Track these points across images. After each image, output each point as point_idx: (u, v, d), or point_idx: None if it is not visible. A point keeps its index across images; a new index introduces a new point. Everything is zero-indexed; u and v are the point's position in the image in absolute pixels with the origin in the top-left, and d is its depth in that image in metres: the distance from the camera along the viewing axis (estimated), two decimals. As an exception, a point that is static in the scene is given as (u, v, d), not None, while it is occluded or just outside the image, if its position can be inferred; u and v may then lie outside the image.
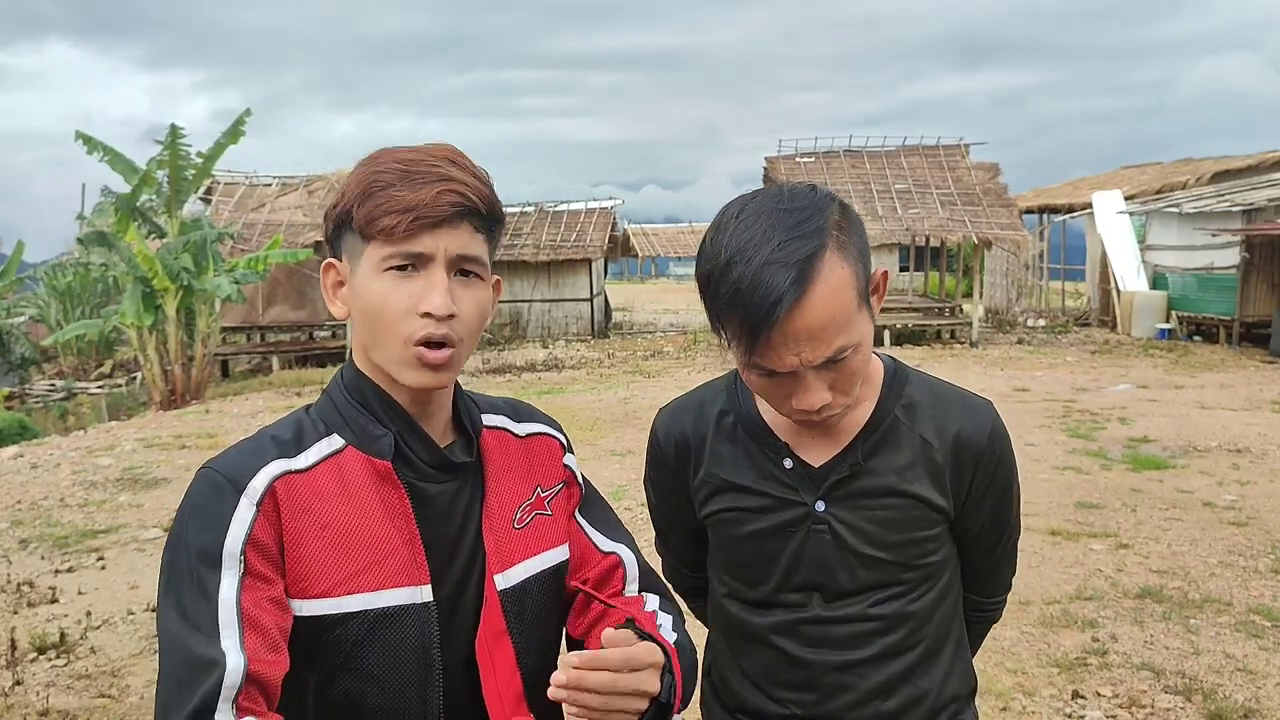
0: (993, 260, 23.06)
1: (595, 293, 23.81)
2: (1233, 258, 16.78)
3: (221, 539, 1.04)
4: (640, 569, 1.32)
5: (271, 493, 1.08)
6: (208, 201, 20.61)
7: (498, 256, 1.21)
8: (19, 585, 5.60)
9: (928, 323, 19.34)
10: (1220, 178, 21.36)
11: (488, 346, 20.34)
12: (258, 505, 1.07)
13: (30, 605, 5.30)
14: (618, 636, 1.05)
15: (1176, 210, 18.51)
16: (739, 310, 1.15)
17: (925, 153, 20.83)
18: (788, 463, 1.34)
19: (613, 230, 25.56)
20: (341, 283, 1.17)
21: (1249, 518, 6.40)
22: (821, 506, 1.32)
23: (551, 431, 1.33)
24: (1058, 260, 25.14)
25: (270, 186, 21.93)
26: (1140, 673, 4.14)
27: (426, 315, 1.08)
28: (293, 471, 1.11)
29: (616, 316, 28.02)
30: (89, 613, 5.10)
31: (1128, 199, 20.99)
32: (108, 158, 14.92)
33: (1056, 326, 20.21)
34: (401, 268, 1.09)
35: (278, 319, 20.67)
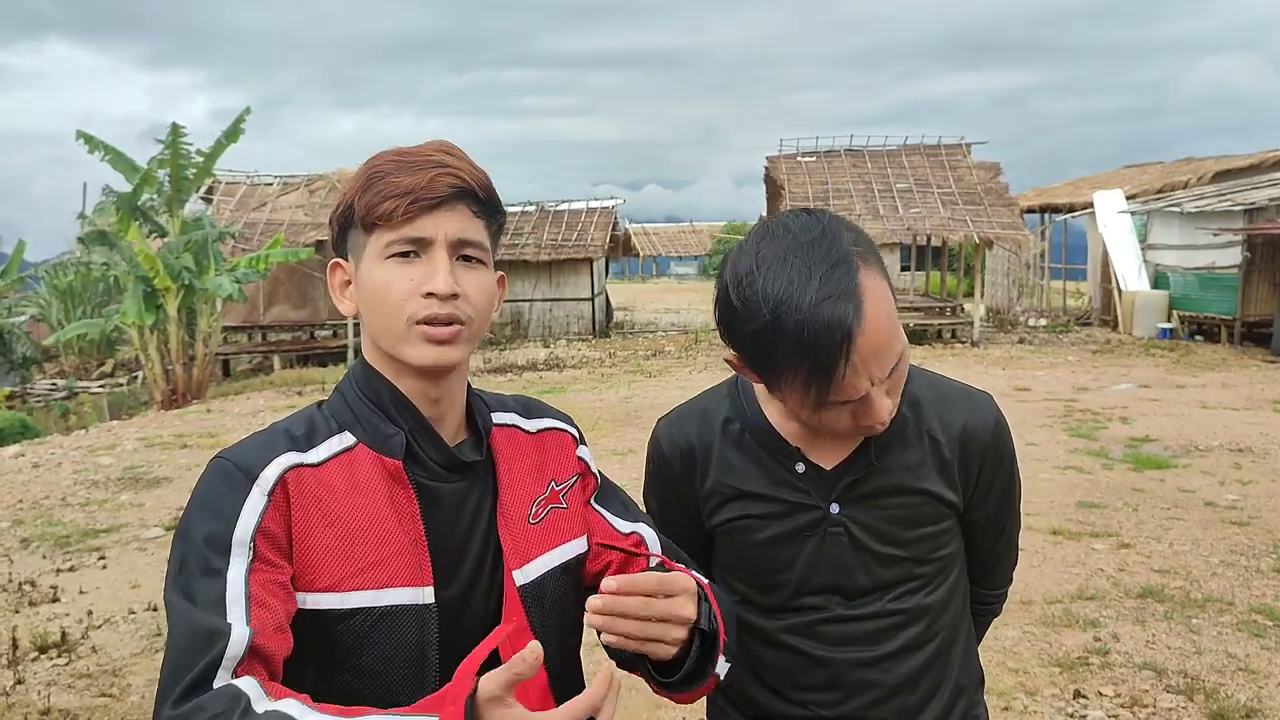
0: (994, 260, 23.06)
1: (596, 292, 23.83)
2: (1234, 257, 16.77)
3: (232, 527, 1.05)
4: (662, 544, 1.32)
5: (283, 483, 1.09)
6: (209, 201, 20.63)
7: (499, 256, 1.22)
8: (20, 584, 5.61)
9: (929, 322, 19.32)
10: (1221, 177, 21.36)
11: (489, 346, 20.35)
12: (269, 495, 1.08)
13: (32, 604, 5.31)
14: (648, 574, 1.07)
15: (1178, 210, 18.50)
16: (809, 356, 1.13)
17: (926, 152, 20.82)
18: (800, 467, 1.33)
19: (614, 230, 25.58)
20: (349, 281, 1.18)
21: (1251, 517, 6.40)
22: (836, 509, 1.32)
23: (563, 425, 1.33)
24: (1059, 260, 25.12)
25: (271, 186, 21.95)
26: (1142, 672, 4.13)
27: (430, 295, 1.10)
28: (304, 465, 1.12)
29: (617, 316, 28.03)
30: (90, 612, 5.10)
31: (1129, 198, 20.98)
32: (109, 157, 14.93)
33: (1058, 326, 20.19)
34: (404, 254, 1.11)
35: (279, 318, 20.70)
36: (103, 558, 6.17)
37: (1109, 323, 20.03)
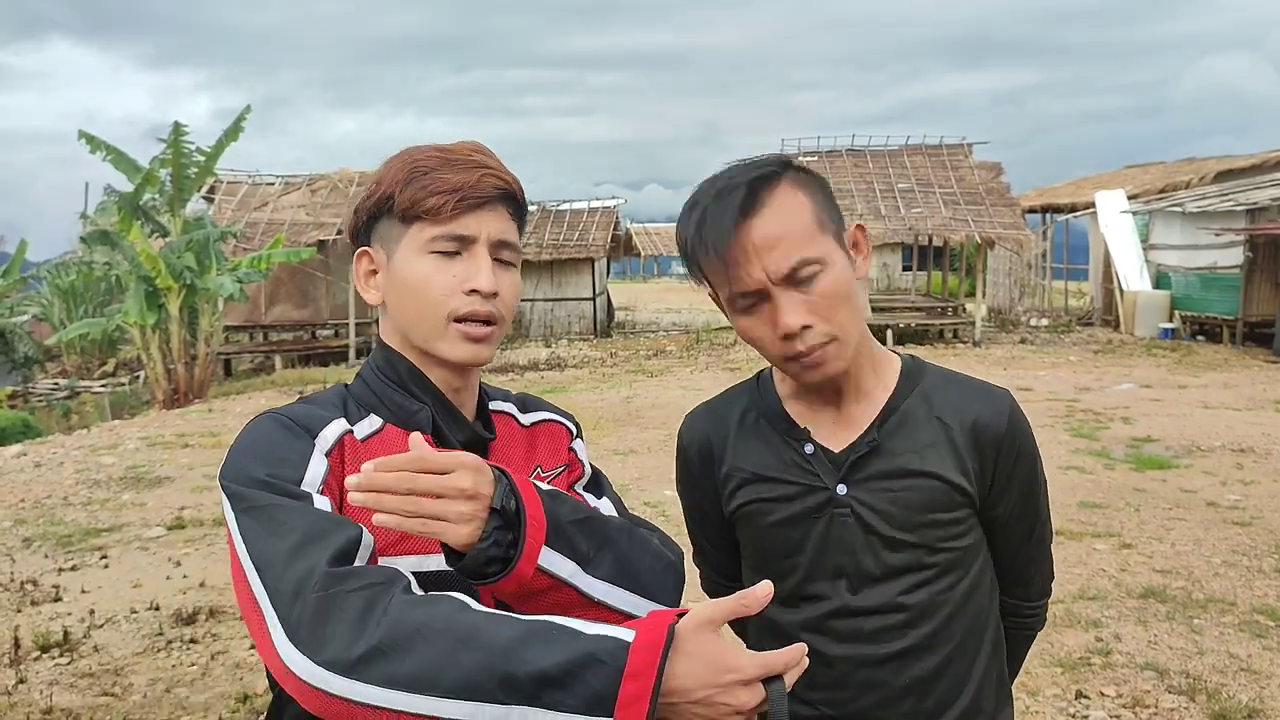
0: (995, 260, 23.03)
1: (598, 292, 23.83)
2: (1236, 257, 16.76)
3: (300, 474, 1.05)
4: (618, 511, 1.28)
5: (340, 445, 1.11)
6: (210, 200, 20.63)
7: None
8: (22, 584, 5.61)
9: (930, 322, 19.32)
10: (1223, 177, 21.33)
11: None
12: (327, 455, 1.09)
13: (34, 604, 5.31)
14: (410, 453, 0.99)
15: (1180, 210, 18.49)
16: (706, 239, 1.21)
17: (928, 152, 20.80)
18: (808, 448, 1.35)
19: (615, 229, 25.58)
20: (375, 270, 1.19)
21: (1253, 517, 6.39)
22: (843, 490, 1.33)
23: (559, 418, 1.35)
24: (1061, 260, 25.09)
25: (273, 185, 21.95)
26: (1144, 673, 4.13)
27: (473, 293, 1.12)
28: (353, 434, 1.14)
29: (619, 315, 28.03)
30: (92, 611, 5.10)
31: (1131, 198, 20.97)
32: (111, 157, 14.95)
33: (1059, 326, 20.17)
34: (446, 252, 1.13)
35: (280, 318, 20.72)
36: (104, 557, 6.18)
37: (1111, 323, 20.01)
